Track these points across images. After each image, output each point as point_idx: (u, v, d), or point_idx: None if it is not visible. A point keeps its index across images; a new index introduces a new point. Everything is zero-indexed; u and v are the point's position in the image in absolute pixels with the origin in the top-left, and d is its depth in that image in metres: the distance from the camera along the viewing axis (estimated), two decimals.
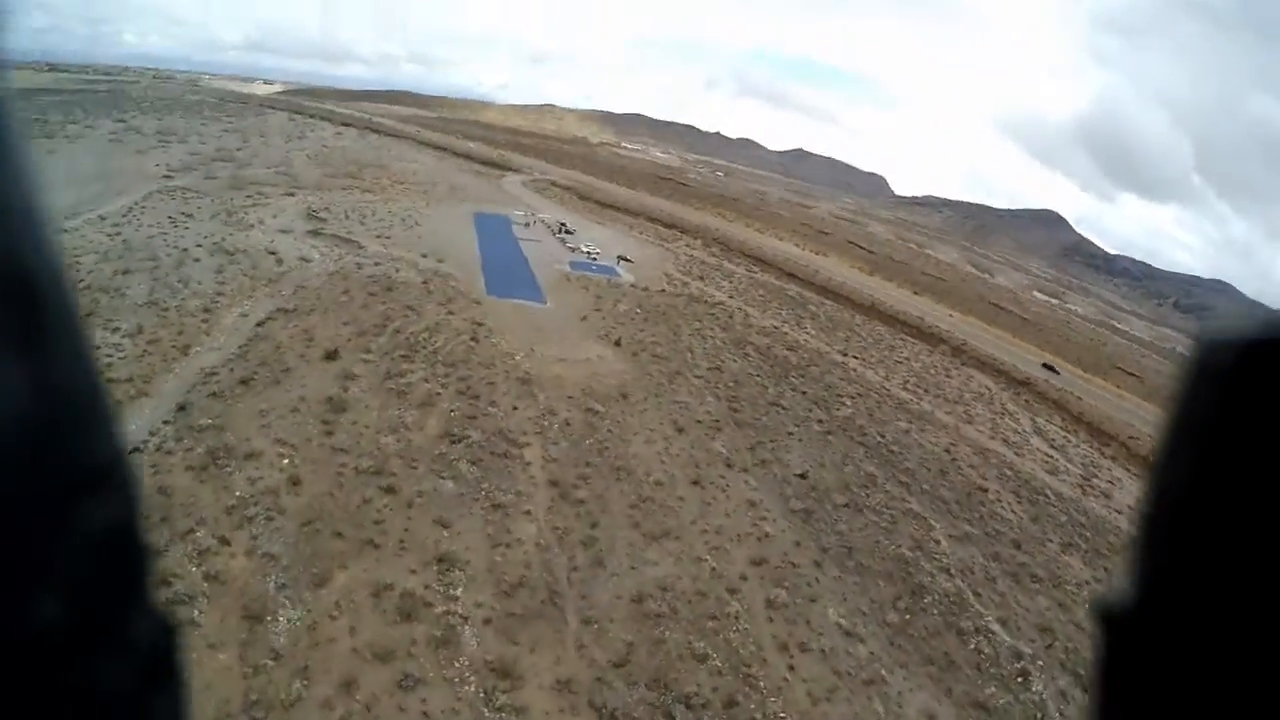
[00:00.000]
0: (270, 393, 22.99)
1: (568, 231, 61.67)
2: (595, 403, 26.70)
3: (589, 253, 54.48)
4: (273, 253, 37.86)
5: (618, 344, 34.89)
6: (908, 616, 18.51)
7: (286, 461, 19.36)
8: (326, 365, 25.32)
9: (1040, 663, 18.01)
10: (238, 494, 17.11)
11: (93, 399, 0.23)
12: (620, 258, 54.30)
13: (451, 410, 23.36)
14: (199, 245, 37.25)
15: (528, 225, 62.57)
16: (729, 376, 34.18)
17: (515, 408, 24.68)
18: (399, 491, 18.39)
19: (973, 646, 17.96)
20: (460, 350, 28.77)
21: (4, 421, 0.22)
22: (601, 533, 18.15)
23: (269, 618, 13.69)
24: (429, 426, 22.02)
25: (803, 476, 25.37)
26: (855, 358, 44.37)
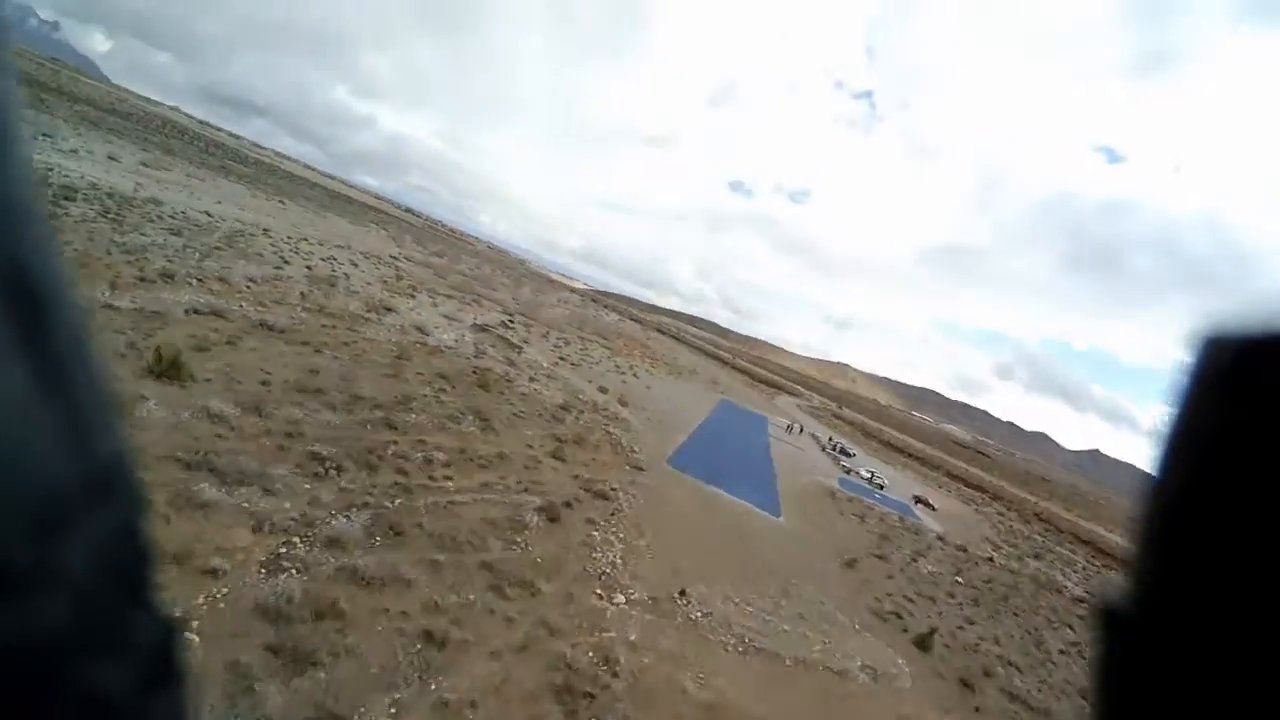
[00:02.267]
0: None
1: (845, 453, 48.11)
2: None
3: (871, 478, 39.39)
4: (387, 308, 25.96)
5: (923, 645, 13.76)
6: None
7: None
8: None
9: None
10: None
11: (94, 399, 0.24)
12: (918, 499, 41.01)
13: None
14: (320, 272, 27.19)
15: (789, 430, 49.46)
16: None
17: None
18: None
19: None
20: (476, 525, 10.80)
21: (6, 422, 0.22)
22: None
23: None
24: None
25: None
26: None
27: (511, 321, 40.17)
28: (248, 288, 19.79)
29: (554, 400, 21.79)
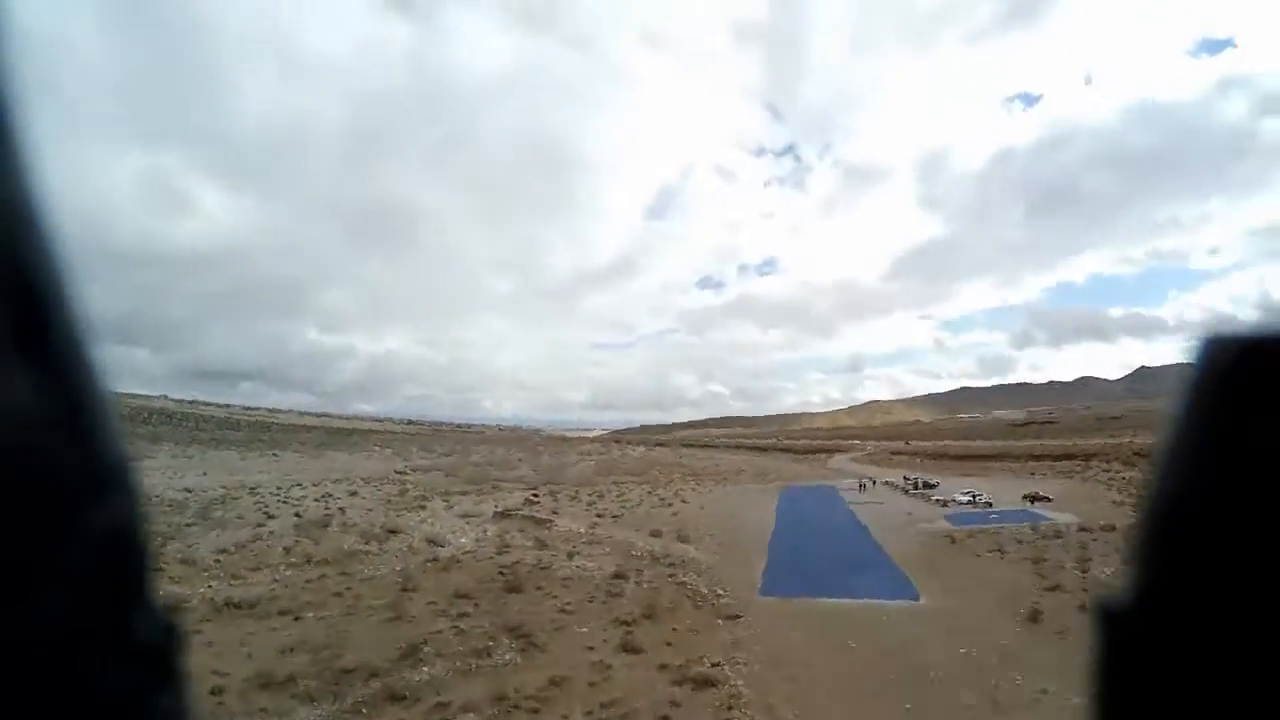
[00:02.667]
0: None
1: (928, 485, 47.48)
2: None
3: (973, 499, 38.03)
4: (391, 531, 22.95)
5: None
6: None
7: None
8: None
9: None
10: None
11: (94, 399, 0.24)
12: (1028, 497, 39.06)
13: None
14: (310, 516, 24.27)
15: (863, 488, 47.60)
16: None
17: None
18: None
19: None
20: None
21: (6, 423, 0.22)
22: None
23: None
24: None
25: None
26: None
27: (536, 496, 37.10)
28: (216, 563, 17.03)
29: (604, 571, 18.25)
